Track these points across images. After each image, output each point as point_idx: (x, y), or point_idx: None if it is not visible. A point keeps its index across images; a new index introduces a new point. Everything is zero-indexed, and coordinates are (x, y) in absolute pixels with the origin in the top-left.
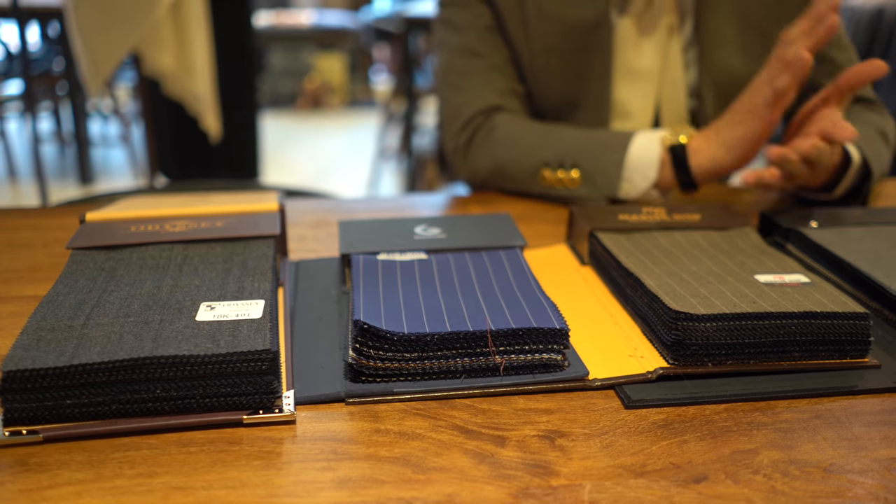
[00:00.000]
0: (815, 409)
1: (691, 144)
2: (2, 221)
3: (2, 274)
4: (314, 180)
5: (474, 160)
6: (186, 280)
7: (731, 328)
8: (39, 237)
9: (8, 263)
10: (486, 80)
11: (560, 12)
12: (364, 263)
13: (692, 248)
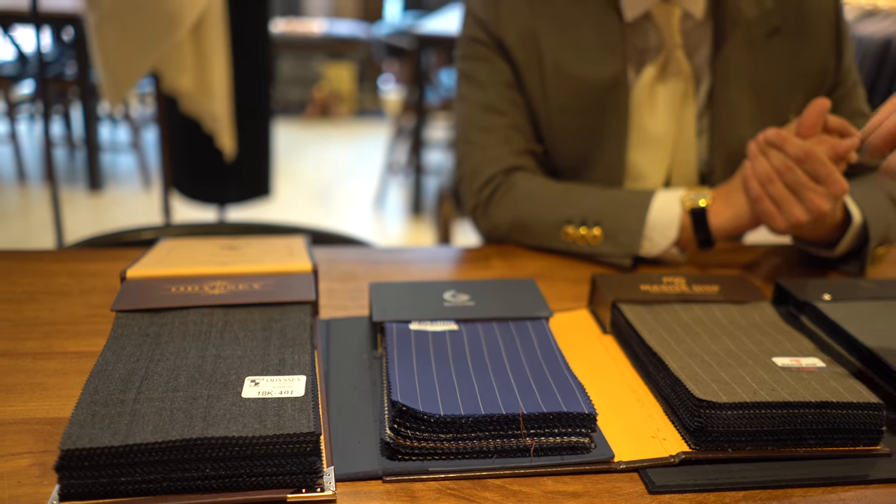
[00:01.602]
0: (828, 498)
1: (711, 207)
2: (39, 265)
3: (43, 326)
4: (322, 192)
5: (495, 215)
6: (229, 350)
7: (751, 416)
8: (77, 285)
9: (48, 314)
10: (506, 139)
11: (577, 72)
12: (398, 334)
13: (712, 324)
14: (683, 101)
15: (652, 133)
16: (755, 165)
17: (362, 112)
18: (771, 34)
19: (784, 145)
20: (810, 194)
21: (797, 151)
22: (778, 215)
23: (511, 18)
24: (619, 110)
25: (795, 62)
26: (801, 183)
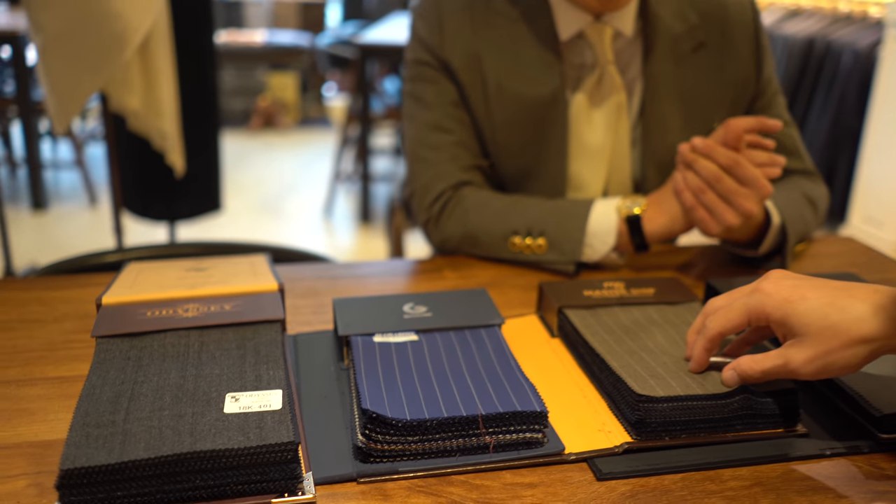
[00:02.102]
0: (755, 475)
1: (645, 214)
2: (9, 294)
3: (22, 354)
4: (270, 203)
5: (446, 229)
6: (207, 369)
7: (684, 408)
8: (49, 312)
9: (26, 342)
10: (453, 156)
11: (518, 90)
12: (363, 346)
13: (649, 324)
14: (618, 114)
15: (590, 145)
16: (686, 178)
17: (307, 121)
18: (696, 49)
19: (713, 154)
20: (739, 199)
21: (726, 160)
22: (711, 221)
23: (455, 42)
24: (559, 125)
25: (719, 74)
26: (732, 189)
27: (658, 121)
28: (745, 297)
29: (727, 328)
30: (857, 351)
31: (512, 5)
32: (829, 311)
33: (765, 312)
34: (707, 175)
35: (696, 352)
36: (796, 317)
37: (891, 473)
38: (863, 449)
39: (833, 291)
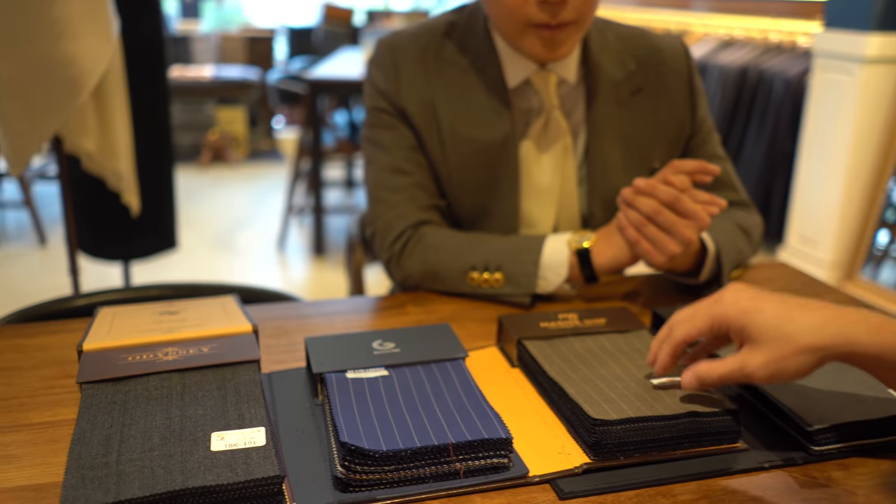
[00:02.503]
0: (702, 489)
1: (593, 248)
2: None
3: (4, 401)
4: (223, 238)
5: (408, 266)
6: (191, 410)
7: (636, 429)
8: (26, 359)
9: (6, 389)
10: (412, 197)
11: (471, 134)
12: (337, 383)
13: (601, 352)
14: (564, 156)
15: (540, 185)
16: (628, 215)
17: (256, 154)
18: (634, 93)
19: (655, 192)
20: (679, 228)
21: (667, 196)
22: (655, 252)
23: (410, 90)
24: (510, 166)
25: (656, 116)
26: (672, 221)
27: (602, 161)
28: (708, 307)
29: (691, 334)
30: (806, 358)
31: (462, 54)
32: (782, 322)
33: (726, 321)
34: (647, 211)
35: (661, 357)
36: (754, 326)
37: (822, 482)
38: (797, 461)
39: (787, 304)
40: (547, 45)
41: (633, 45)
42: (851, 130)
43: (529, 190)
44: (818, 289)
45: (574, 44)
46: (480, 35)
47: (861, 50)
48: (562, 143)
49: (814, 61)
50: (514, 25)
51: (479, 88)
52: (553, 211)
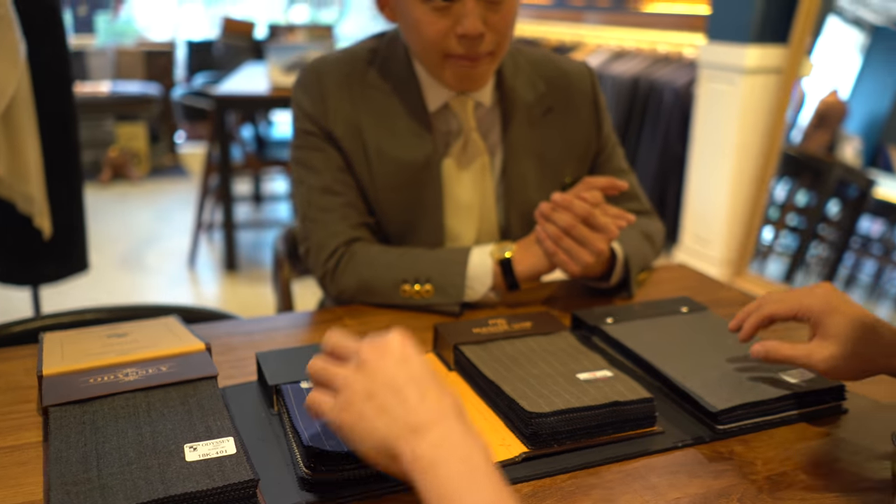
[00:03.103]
0: (626, 469)
1: (514, 257)
2: None
3: None
4: (131, 257)
5: (342, 282)
6: (160, 425)
7: (567, 419)
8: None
9: None
10: (343, 216)
11: (396, 155)
12: (293, 393)
13: (530, 353)
14: (483, 174)
15: (461, 201)
16: (546, 229)
17: (159, 170)
18: (545, 113)
19: (571, 207)
20: (592, 240)
21: (582, 211)
22: (571, 262)
23: (337, 114)
24: (433, 185)
25: (566, 135)
26: (585, 234)
27: (517, 178)
28: (801, 296)
29: (779, 313)
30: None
31: (384, 79)
32: (858, 326)
33: (812, 311)
34: (564, 224)
35: (747, 324)
36: (833, 324)
37: (727, 456)
38: (705, 439)
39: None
40: (464, 77)
41: (542, 68)
42: (736, 135)
43: (452, 206)
44: (712, 286)
45: (490, 74)
46: (401, 61)
47: (741, 61)
48: (480, 162)
49: (699, 72)
50: (434, 57)
51: (402, 112)
52: (474, 225)
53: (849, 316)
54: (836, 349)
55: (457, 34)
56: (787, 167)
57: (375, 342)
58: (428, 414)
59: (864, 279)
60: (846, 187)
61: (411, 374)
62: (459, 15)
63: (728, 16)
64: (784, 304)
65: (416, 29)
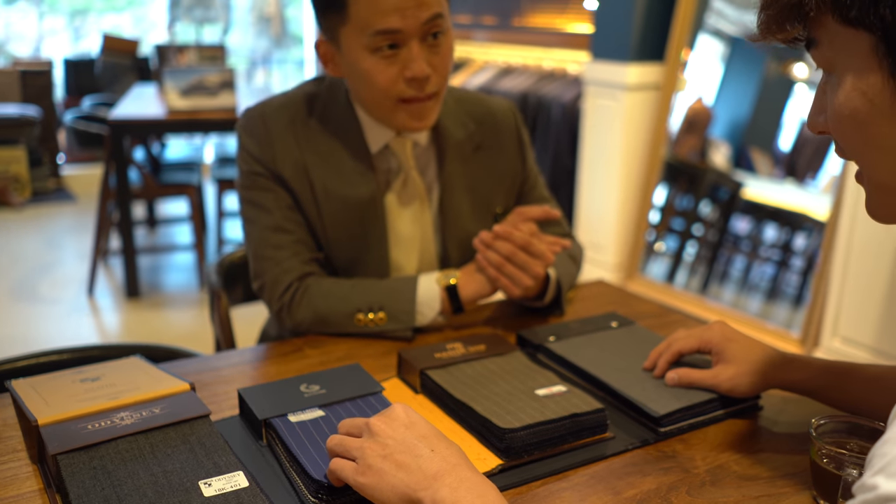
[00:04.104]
0: (588, 471)
1: (459, 283)
2: None
3: None
4: (23, 287)
5: (298, 314)
6: (169, 465)
7: (535, 432)
8: None
9: None
10: (295, 252)
11: (342, 193)
12: (285, 427)
13: (490, 373)
14: (422, 208)
15: (403, 234)
16: (488, 257)
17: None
18: (476, 150)
19: (511, 237)
20: (531, 266)
21: (521, 241)
22: (512, 286)
23: (285, 156)
24: (377, 220)
25: (495, 168)
26: (525, 261)
27: (453, 211)
28: (701, 332)
29: (685, 349)
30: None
31: (326, 123)
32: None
33: (711, 343)
34: (505, 252)
35: (661, 362)
36: (729, 350)
37: (670, 454)
38: (650, 441)
39: (752, 342)
40: (416, 117)
41: (470, 107)
42: (622, 147)
43: (395, 239)
44: (631, 300)
45: (437, 112)
46: (342, 105)
47: (623, 79)
48: (419, 197)
49: (585, 88)
50: (387, 103)
51: (345, 153)
52: (416, 256)
53: (742, 343)
54: (736, 370)
55: (406, 78)
56: (666, 174)
57: (383, 414)
58: (441, 463)
59: (735, 274)
60: (718, 190)
61: (419, 433)
62: (406, 60)
63: (609, 36)
64: (689, 340)
65: (368, 79)
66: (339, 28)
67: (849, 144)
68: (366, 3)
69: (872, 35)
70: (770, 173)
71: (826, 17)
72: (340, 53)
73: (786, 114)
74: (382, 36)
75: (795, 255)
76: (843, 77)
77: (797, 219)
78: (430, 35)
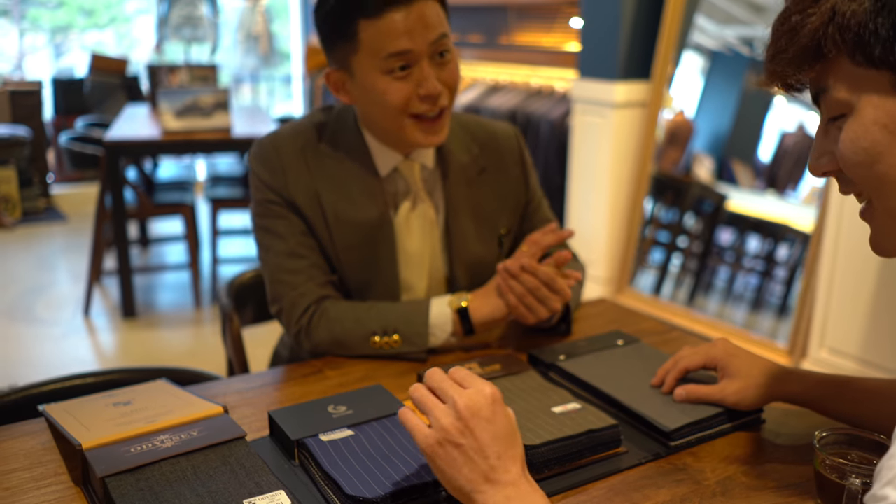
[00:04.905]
0: (606, 485)
1: (471, 306)
2: None
3: None
4: (18, 308)
5: (316, 337)
6: (213, 486)
7: (554, 448)
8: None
9: None
10: (311, 276)
11: (353, 217)
12: (318, 446)
13: (507, 392)
14: (430, 229)
15: (412, 255)
16: (513, 287)
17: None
18: (480, 172)
19: (536, 272)
20: (550, 301)
21: (545, 277)
22: (529, 315)
23: (297, 184)
24: (387, 242)
25: (499, 191)
26: (546, 296)
27: (459, 232)
28: (706, 350)
29: (691, 366)
30: (762, 392)
31: (335, 149)
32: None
33: (716, 359)
34: (530, 286)
35: (668, 379)
36: (733, 366)
37: (681, 467)
38: (661, 454)
39: (756, 357)
40: (429, 133)
41: (473, 132)
42: (610, 164)
43: (404, 260)
44: (633, 318)
45: (448, 126)
46: (352, 132)
47: (611, 97)
48: (427, 218)
49: (573, 106)
50: (399, 120)
51: (355, 178)
52: (425, 275)
53: (745, 358)
54: (741, 384)
55: (419, 96)
56: (652, 188)
57: (472, 398)
58: (504, 474)
59: (719, 285)
60: (702, 203)
61: (495, 433)
62: (419, 79)
63: (596, 55)
64: (694, 357)
65: (382, 99)
66: (350, 57)
67: (864, 179)
68: (375, 31)
69: (892, 72)
70: (751, 185)
71: (841, 58)
72: (353, 80)
73: (765, 126)
74: (395, 58)
75: (779, 266)
76: (859, 114)
77: (779, 230)
78: (438, 54)
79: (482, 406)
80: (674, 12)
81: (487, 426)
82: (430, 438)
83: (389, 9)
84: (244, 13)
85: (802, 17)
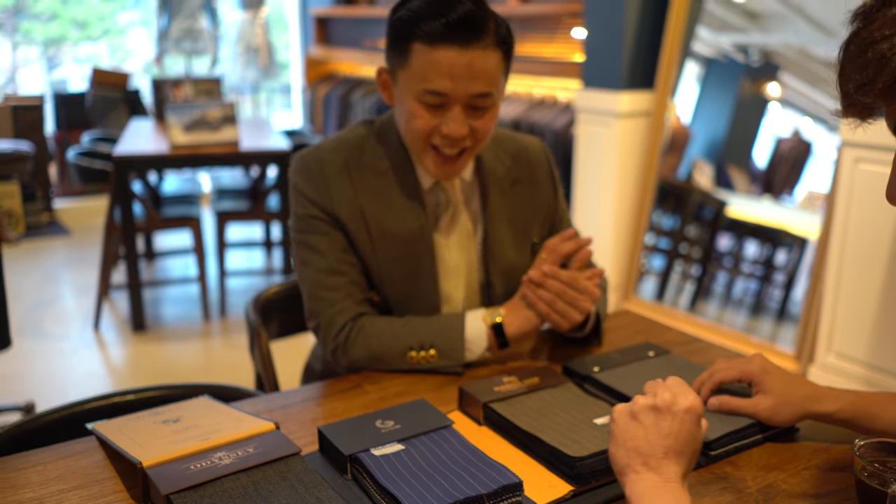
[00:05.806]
0: None
1: (505, 320)
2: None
3: None
4: (27, 323)
5: (353, 353)
6: (275, 501)
7: (601, 459)
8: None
9: None
10: (349, 294)
11: (395, 230)
12: (371, 461)
13: (547, 405)
14: (468, 240)
15: (451, 265)
16: (541, 295)
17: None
18: (513, 184)
19: (558, 276)
20: (580, 302)
21: (567, 279)
22: (563, 321)
23: (341, 199)
24: (428, 253)
25: (531, 201)
26: (574, 297)
27: (496, 241)
28: (742, 364)
29: (726, 379)
30: (794, 410)
31: (377, 162)
32: (786, 385)
33: (752, 375)
34: (556, 290)
35: (703, 390)
36: (767, 382)
37: (722, 476)
38: (703, 463)
39: (791, 375)
40: (443, 167)
41: (505, 145)
42: (615, 173)
43: (444, 271)
44: (659, 329)
45: (465, 166)
46: (394, 145)
47: (615, 106)
48: (465, 229)
49: (577, 116)
50: (419, 145)
51: (396, 190)
52: (462, 285)
53: (779, 376)
54: (774, 401)
55: (441, 133)
56: (655, 195)
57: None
58: (663, 469)
59: (718, 290)
60: (703, 209)
61: (675, 434)
62: (447, 118)
63: (600, 65)
64: (730, 371)
65: (409, 119)
66: (398, 68)
67: None
68: (425, 59)
69: None
70: (748, 190)
71: None
72: (396, 88)
73: (761, 131)
74: (431, 94)
75: (777, 271)
76: None
77: (777, 235)
78: (473, 107)
79: (678, 409)
80: (677, 21)
81: (672, 425)
82: (625, 406)
83: (445, 43)
84: (244, 25)
85: (891, 46)
